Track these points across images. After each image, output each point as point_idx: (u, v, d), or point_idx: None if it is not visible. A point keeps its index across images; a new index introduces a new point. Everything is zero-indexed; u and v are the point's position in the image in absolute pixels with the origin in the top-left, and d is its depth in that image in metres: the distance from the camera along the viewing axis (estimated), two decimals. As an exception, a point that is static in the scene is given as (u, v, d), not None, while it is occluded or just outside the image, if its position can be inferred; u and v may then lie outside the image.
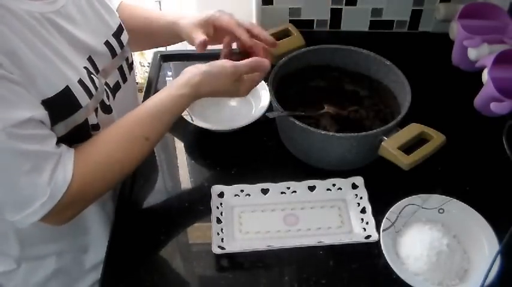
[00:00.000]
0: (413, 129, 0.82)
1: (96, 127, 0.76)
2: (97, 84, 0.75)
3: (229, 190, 0.84)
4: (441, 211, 0.77)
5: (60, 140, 0.69)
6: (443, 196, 0.78)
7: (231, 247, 0.76)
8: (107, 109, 0.79)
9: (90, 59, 0.76)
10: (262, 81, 1.00)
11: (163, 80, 1.14)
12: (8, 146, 0.61)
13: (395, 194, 0.79)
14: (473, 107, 0.94)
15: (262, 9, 1.19)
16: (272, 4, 1.18)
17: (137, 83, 1.82)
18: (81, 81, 0.71)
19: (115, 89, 0.84)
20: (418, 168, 0.78)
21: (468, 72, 1.01)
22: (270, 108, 0.93)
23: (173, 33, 0.90)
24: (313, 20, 1.22)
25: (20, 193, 0.64)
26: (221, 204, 0.82)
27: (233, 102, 1.02)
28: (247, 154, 0.94)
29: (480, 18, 1.03)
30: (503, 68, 0.90)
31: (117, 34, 0.84)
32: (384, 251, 0.72)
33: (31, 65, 0.64)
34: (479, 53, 0.96)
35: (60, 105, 0.68)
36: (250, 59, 0.80)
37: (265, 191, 0.84)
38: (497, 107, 0.86)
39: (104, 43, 0.80)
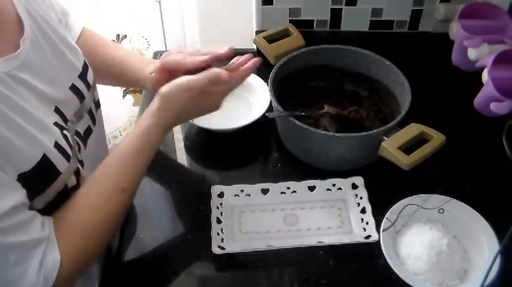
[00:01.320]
0: (413, 129, 0.82)
1: (76, 188, 0.68)
2: (71, 141, 0.68)
3: (229, 190, 0.84)
4: (441, 211, 0.77)
5: (39, 212, 0.63)
6: (443, 196, 0.78)
7: (231, 247, 0.76)
8: (80, 164, 0.72)
9: (57, 110, 0.68)
10: (262, 81, 1.00)
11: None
12: None
13: (395, 194, 0.79)
14: (473, 107, 0.94)
15: (262, 9, 1.19)
16: (272, 4, 1.18)
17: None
18: (57, 145, 0.64)
19: (86, 135, 0.77)
20: (418, 168, 0.78)
21: (468, 72, 1.01)
22: (270, 108, 0.92)
23: (132, 85, 0.87)
24: (313, 20, 1.22)
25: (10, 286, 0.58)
26: (221, 204, 0.82)
27: (233, 102, 1.01)
28: (247, 154, 0.94)
29: (480, 18, 1.03)
30: (503, 68, 0.89)
31: (83, 74, 0.76)
32: (383, 251, 0.72)
33: (3, 139, 0.57)
34: (479, 53, 0.96)
35: (38, 178, 0.61)
36: (206, 71, 0.72)
37: (265, 191, 0.84)
38: (497, 107, 0.86)
39: (70, 87, 0.72)
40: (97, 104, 0.83)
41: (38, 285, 0.59)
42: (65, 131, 0.68)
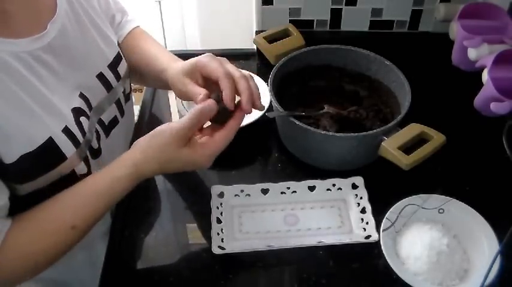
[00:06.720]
0: (413, 129, 0.82)
1: (86, 176, 0.68)
2: (85, 129, 0.68)
3: (229, 190, 0.84)
4: (441, 211, 0.77)
5: (43, 191, 0.65)
6: (443, 196, 0.78)
7: (231, 247, 0.76)
8: (94, 153, 0.72)
9: (82, 96, 0.69)
10: (262, 81, 1.00)
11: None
12: None
13: (395, 194, 0.79)
14: (473, 107, 0.94)
15: (262, 9, 1.19)
16: (272, 4, 1.18)
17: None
18: (66, 130, 0.64)
19: (111, 126, 0.77)
20: (418, 168, 0.78)
21: (468, 72, 1.01)
22: (270, 108, 0.92)
23: (162, 82, 0.79)
24: (313, 20, 1.22)
25: None
26: (221, 204, 0.82)
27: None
28: (247, 153, 0.94)
29: (480, 18, 1.03)
30: (503, 68, 0.89)
31: (114, 65, 0.76)
32: (383, 251, 0.72)
33: (6, 118, 0.58)
34: (479, 53, 0.96)
35: (41, 159, 0.62)
36: (190, 114, 0.65)
37: (265, 191, 0.84)
38: (497, 107, 0.86)
39: (97, 76, 0.73)
40: (127, 97, 0.83)
41: None
42: (82, 118, 0.68)
